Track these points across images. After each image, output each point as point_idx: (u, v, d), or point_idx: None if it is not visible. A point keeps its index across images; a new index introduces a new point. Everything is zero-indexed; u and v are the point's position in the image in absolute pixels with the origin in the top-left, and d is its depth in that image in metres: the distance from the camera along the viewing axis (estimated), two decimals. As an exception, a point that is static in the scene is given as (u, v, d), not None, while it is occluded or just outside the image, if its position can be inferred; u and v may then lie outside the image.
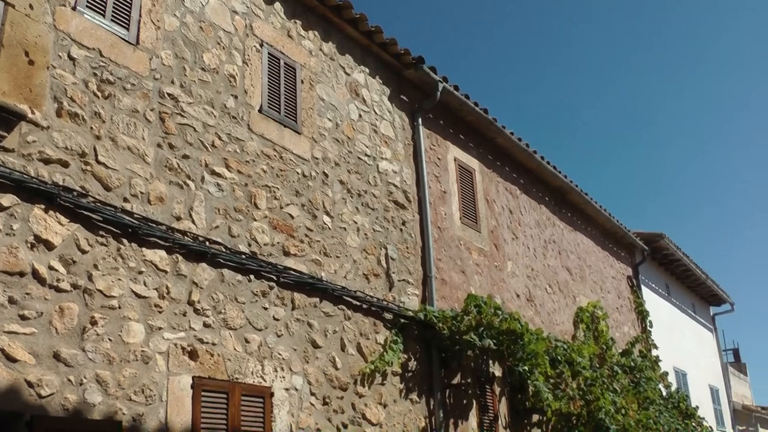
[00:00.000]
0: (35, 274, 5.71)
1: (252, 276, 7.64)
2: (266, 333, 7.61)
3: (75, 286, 5.94)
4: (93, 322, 5.98)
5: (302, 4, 9.34)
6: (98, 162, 6.36)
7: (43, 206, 5.85)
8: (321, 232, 8.70)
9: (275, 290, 7.87)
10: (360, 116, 9.94)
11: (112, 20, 6.83)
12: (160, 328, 6.52)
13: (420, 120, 11.08)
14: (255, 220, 7.84)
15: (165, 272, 6.71)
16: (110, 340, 6.08)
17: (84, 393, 5.79)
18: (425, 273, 10.36)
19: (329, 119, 9.35)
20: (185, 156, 7.21)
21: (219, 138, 7.65)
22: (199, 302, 6.95)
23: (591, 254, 16.80)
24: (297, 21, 9.21)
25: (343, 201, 9.20)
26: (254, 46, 8.46)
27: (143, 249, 6.57)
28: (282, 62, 8.78)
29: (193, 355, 6.74)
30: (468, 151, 12.37)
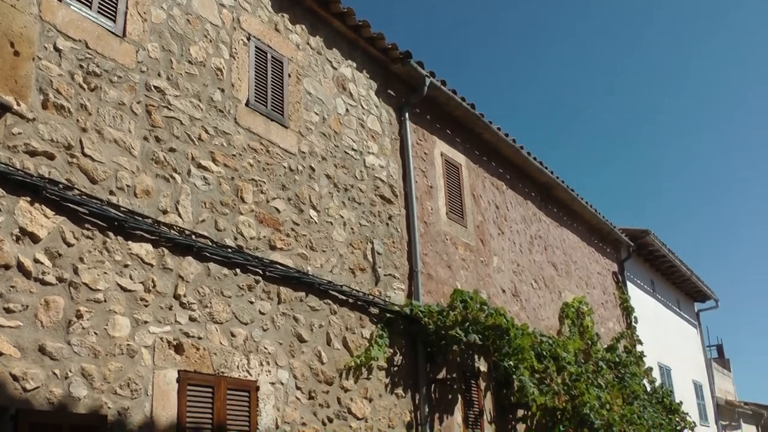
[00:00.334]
0: (20, 267, 5.67)
1: (238, 270, 7.62)
2: (252, 327, 7.60)
3: (60, 280, 5.91)
4: (78, 316, 5.95)
5: (290, -2, 9.33)
6: (84, 155, 6.32)
7: (29, 199, 5.82)
8: (307, 227, 8.69)
9: (261, 284, 7.86)
10: (347, 110, 9.93)
11: (99, 12, 6.79)
12: (146, 322, 6.50)
13: (407, 115, 11.07)
14: (241, 214, 7.82)
15: (151, 266, 6.69)
16: (96, 334, 6.05)
17: (69, 387, 5.77)
18: (411, 268, 10.37)
19: (316, 113, 9.33)
20: (172, 149, 7.18)
21: (206, 131, 7.62)
22: (185, 296, 6.93)
23: (577, 250, 16.84)
24: (284, 15, 9.18)
25: (330, 195, 9.19)
26: (241, 40, 8.43)
27: (129, 242, 6.53)
28: (269, 56, 8.75)
29: (179, 349, 6.73)
30: (455, 146, 12.38)
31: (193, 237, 7.16)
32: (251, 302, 7.67)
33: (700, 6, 57.01)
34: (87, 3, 6.70)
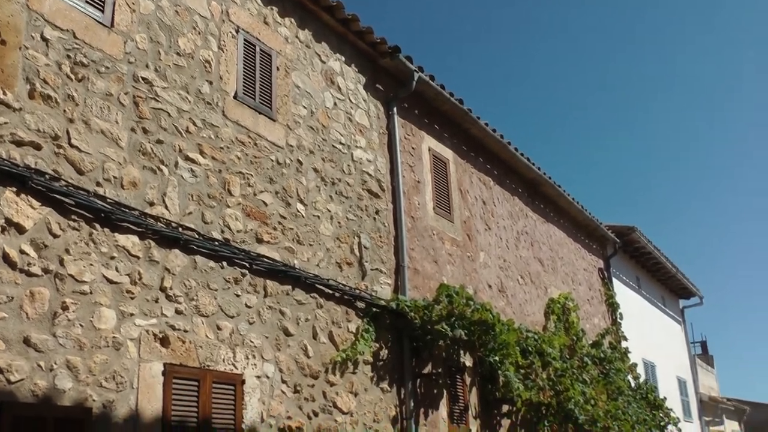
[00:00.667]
0: (6, 258, 5.64)
1: (224, 263, 7.59)
2: (238, 320, 7.58)
3: (46, 271, 5.88)
4: (64, 308, 5.92)
5: (279, -9, 9.30)
6: (71, 145, 6.28)
7: (15, 189, 5.78)
8: (294, 220, 8.67)
9: (248, 277, 7.84)
10: (335, 104, 9.91)
11: (87, 2, 6.74)
12: (132, 315, 6.47)
13: (395, 109, 11.06)
14: (228, 207, 7.79)
15: (137, 258, 6.66)
16: (81, 326, 6.02)
17: (54, 379, 5.74)
18: (398, 262, 10.37)
19: (304, 107, 9.31)
20: (159, 141, 7.14)
21: (193, 123, 7.59)
22: (171, 289, 6.91)
23: (563, 246, 16.88)
24: (273, 8, 9.15)
25: (317, 189, 9.17)
26: (230, 32, 8.40)
27: (115, 234, 6.50)
28: (258, 49, 8.72)
29: (165, 342, 6.70)
30: (442, 141, 12.37)
31: (180, 229, 7.14)
32: (237, 295, 7.65)
33: (690, 3, 57.19)
34: (75, -7, 6.65)
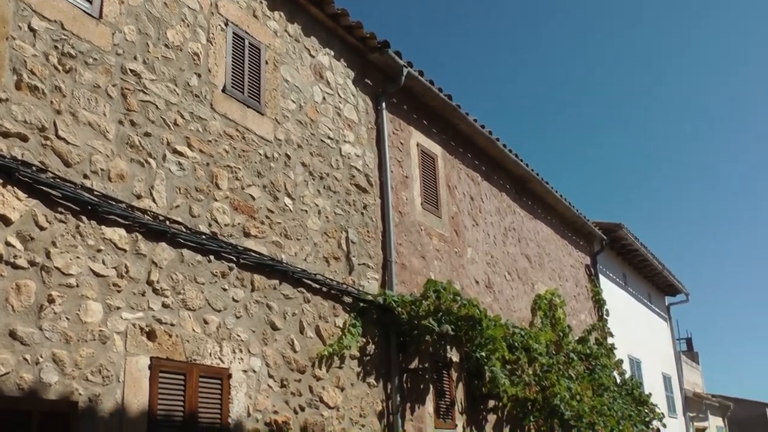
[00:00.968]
0: (-9, 250, 5.61)
1: (212, 257, 7.57)
2: (225, 314, 7.56)
3: (32, 263, 5.84)
4: (50, 300, 5.88)
5: (268, -16, 9.26)
6: (58, 137, 6.24)
7: (1, 181, 5.72)
8: (282, 214, 8.65)
9: (235, 271, 7.81)
10: (324, 99, 9.88)
11: (75, -7, 6.70)
12: (119, 308, 6.44)
13: (384, 104, 11.05)
14: (216, 201, 7.76)
15: (124, 251, 6.62)
16: (68, 319, 5.99)
17: (40, 372, 5.70)
18: (385, 257, 10.36)
19: (293, 101, 9.28)
20: (147, 133, 7.10)
21: (181, 116, 7.55)
22: (158, 282, 6.88)
23: (550, 242, 16.91)
24: (262, 1, 9.12)
25: (305, 183, 9.15)
26: (219, 25, 8.36)
27: (102, 227, 6.46)
28: (246, 42, 8.69)
29: (152, 336, 6.67)
30: (431, 137, 12.37)
31: (168, 223, 7.10)
32: (224, 289, 7.63)
33: (684, 3, 57.35)
34: (63, -16, 6.60)
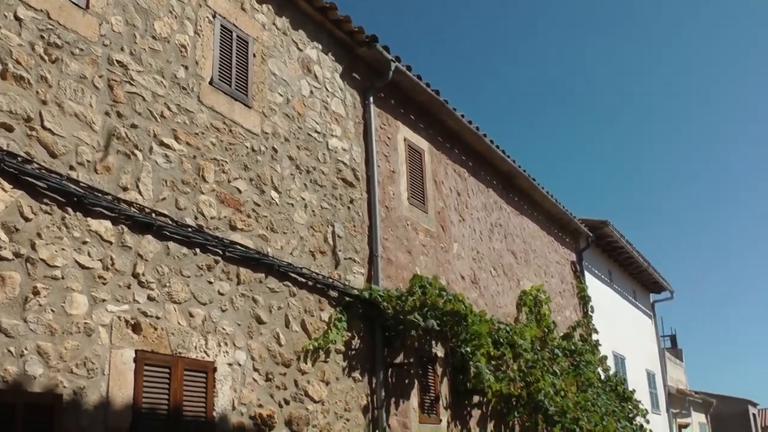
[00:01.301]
0: (-25, 241, 5.57)
1: (198, 249, 7.54)
2: (211, 307, 7.54)
3: (17, 255, 5.80)
4: (35, 292, 5.85)
5: (256, -23, 9.22)
6: (44, 128, 6.20)
7: (-14, 172, 5.71)
8: (268, 208, 8.63)
9: (221, 265, 7.79)
10: (311, 92, 9.86)
11: (62, -17, 6.65)
12: (104, 300, 6.41)
13: (371, 99, 11.03)
14: (202, 193, 7.73)
15: (110, 243, 6.59)
16: (53, 311, 5.95)
17: (24, 365, 5.67)
18: (371, 252, 10.36)
19: (280, 94, 9.25)
20: (133, 125, 7.07)
21: (168, 108, 7.52)
22: (144, 275, 6.85)
23: (536, 239, 16.94)
24: (251, -7, 9.09)
25: (292, 177, 9.13)
26: (207, 17, 8.32)
27: (88, 219, 6.43)
28: (234, 35, 8.65)
29: (137, 329, 6.65)
30: (418, 132, 12.36)
31: (153, 215, 7.07)
32: (210, 282, 7.61)
33: (673, 1, 57.51)
34: (50, -26, 6.55)
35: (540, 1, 56.28)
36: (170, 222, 7.23)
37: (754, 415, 43.88)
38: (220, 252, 7.79)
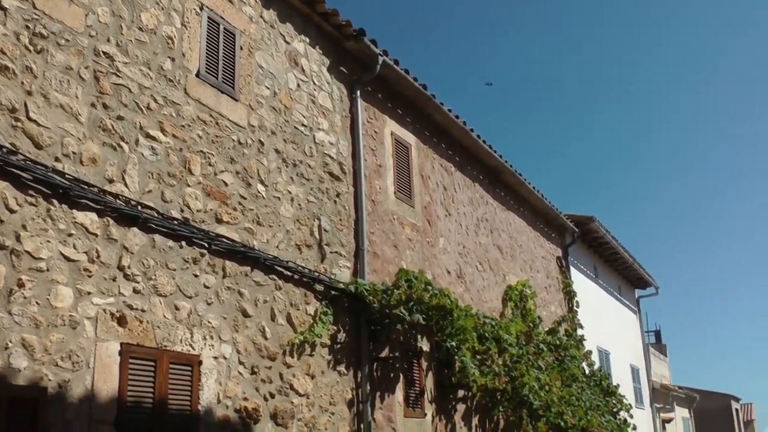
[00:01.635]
0: (-40, 233, 5.53)
1: (183, 242, 7.51)
2: (196, 300, 7.51)
3: (2, 247, 5.76)
4: (20, 285, 5.81)
5: (244, -31, 9.18)
6: (29, 119, 6.15)
7: (-30, 163, 5.66)
8: (255, 201, 8.61)
9: (206, 257, 7.76)
10: (298, 86, 9.83)
11: (48, -26, 6.60)
12: (89, 293, 6.37)
13: (358, 92, 11.01)
14: (188, 186, 7.70)
15: (95, 236, 6.55)
16: (38, 304, 5.92)
17: (9, 357, 5.63)
18: (357, 246, 10.35)
19: (267, 87, 9.22)
20: (120, 117, 7.03)
21: (155, 100, 7.48)
22: (129, 267, 6.82)
23: (522, 234, 16.97)
24: (238, -15, 9.05)
25: (278, 170, 9.11)
26: (194, 9, 8.28)
27: (74, 211, 6.39)
28: (221, 27, 8.62)
29: (122, 322, 6.62)
30: (405, 126, 12.35)
31: (139, 208, 7.04)
32: (196, 276, 7.58)
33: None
34: (35, -37, 6.50)
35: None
36: (156, 215, 7.20)
37: (737, 410, 44.20)
38: (206, 245, 7.76)
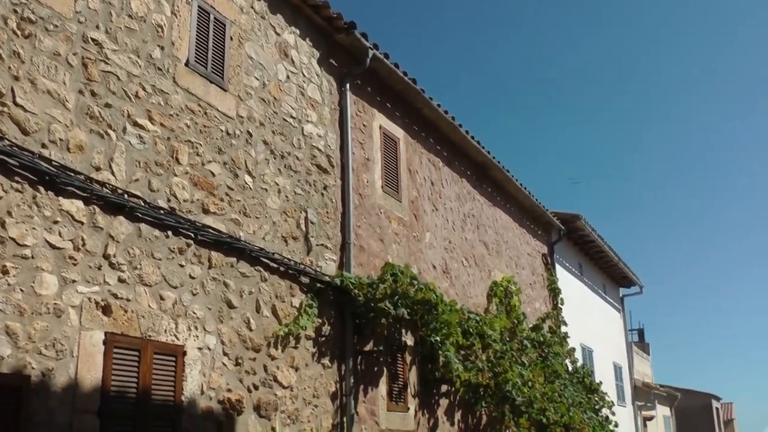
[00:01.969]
0: (-56, 218, 5.49)
1: (170, 232, 7.48)
2: (181, 291, 7.49)
3: (-14, 233, 5.74)
4: (4, 272, 5.77)
5: (235, -41, 9.14)
6: (16, 104, 6.10)
7: (-44, 148, 5.61)
8: (242, 192, 8.58)
9: (192, 248, 7.74)
10: (288, 77, 9.80)
11: (37, -41, 6.55)
12: (74, 281, 6.34)
13: (348, 85, 10.99)
14: (176, 176, 7.67)
15: (81, 223, 6.51)
16: (22, 291, 5.88)
17: (-9, 344, 5.61)
18: (344, 239, 10.34)
19: (256, 78, 9.19)
20: (107, 105, 6.98)
21: (143, 89, 7.44)
22: (115, 256, 6.78)
23: (508, 230, 16.99)
24: (229, -25, 9.01)
25: (266, 162, 9.08)
26: (184, -2, 8.24)
27: (60, 198, 6.35)
28: (212, 17, 8.57)
29: (107, 311, 6.59)
30: (394, 120, 12.34)
31: (126, 196, 7.00)
32: (181, 266, 7.55)
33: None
34: (25, -52, 6.45)
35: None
36: (143, 204, 7.17)
37: (717, 409, 44.49)
38: (192, 235, 7.73)
